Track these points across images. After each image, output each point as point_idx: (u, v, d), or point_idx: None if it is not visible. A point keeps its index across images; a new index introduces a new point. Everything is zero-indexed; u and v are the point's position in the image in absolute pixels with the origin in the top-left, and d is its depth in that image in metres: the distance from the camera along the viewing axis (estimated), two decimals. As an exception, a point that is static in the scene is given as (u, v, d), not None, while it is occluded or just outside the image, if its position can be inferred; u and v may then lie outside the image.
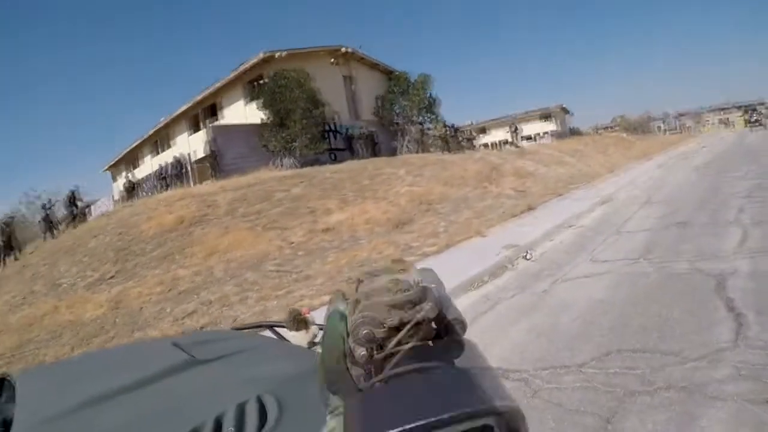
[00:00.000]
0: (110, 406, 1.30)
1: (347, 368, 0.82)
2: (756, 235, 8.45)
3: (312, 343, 1.88)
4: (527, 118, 65.96)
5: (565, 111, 69.46)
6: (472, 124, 69.36)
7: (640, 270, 7.51)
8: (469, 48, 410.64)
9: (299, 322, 1.90)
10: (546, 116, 66.36)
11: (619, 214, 12.60)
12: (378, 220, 13.95)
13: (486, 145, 58.05)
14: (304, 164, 24.00)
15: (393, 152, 30.92)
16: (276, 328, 2.10)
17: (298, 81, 25.44)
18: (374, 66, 34.84)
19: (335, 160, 27.22)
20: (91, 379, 1.54)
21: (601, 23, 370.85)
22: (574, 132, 64.43)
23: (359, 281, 0.89)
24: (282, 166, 24.25)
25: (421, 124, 33.58)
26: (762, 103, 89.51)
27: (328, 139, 28.99)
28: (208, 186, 19.27)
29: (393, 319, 0.78)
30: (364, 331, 0.77)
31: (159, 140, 37.58)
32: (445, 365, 0.77)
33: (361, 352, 0.78)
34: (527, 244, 10.14)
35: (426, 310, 0.78)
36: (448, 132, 32.59)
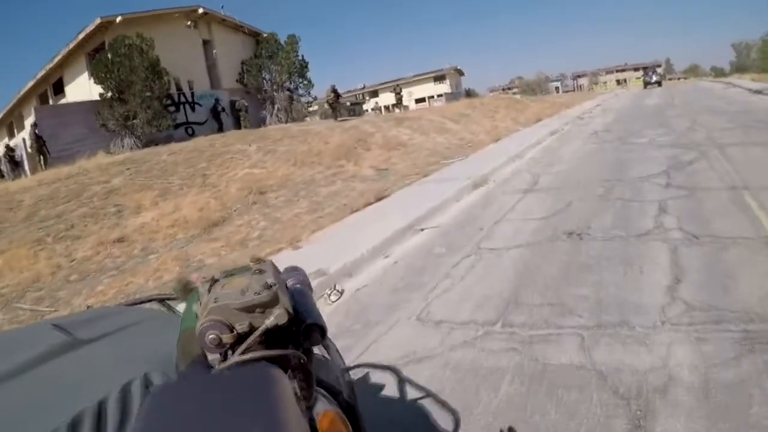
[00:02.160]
0: None
1: (201, 353, 0.81)
2: (693, 265, 4.83)
3: None
4: (420, 80, 64.45)
5: (460, 72, 67.78)
6: (364, 87, 66.74)
7: (491, 360, 3.81)
8: (363, 8, 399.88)
9: (189, 291, 1.31)
10: (440, 78, 64.49)
11: (490, 208, 8.92)
12: (189, 220, 11.00)
13: (379, 109, 55.76)
14: (150, 143, 21.00)
15: (262, 123, 28.00)
16: (167, 301, 1.94)
17: (139, 48, 22.38)
18: (238, 28, 30.93)
19: (192, 135, 23.95)
20: None
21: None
22: (470, 94, 62.99)
23: (213, 281, 0.87)
24: (123, 147, 21.48)
25: (290, 90, 30.11)
26: (658, 65, 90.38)
27: (183, 112, 26.43)
28: (30, 179, 16.39)
29: (243, 325, 0.77)
30: (211, 336, 0.76)
31: (14, 122, 32.99)
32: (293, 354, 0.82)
33: (210, 336, 0.76)
34: (344, 269, 6.54)
35: (276, 315, 0.78)
36: (333, 97, 28.77)
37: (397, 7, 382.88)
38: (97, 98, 22.65)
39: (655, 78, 63.01)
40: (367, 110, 52.71)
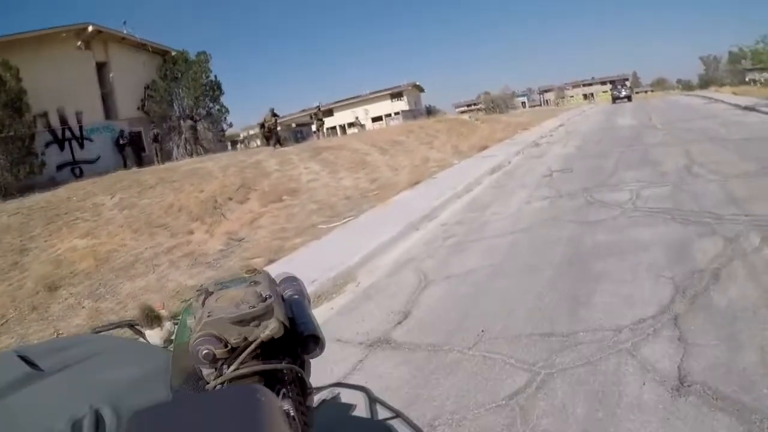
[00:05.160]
0: None
1: (196, 368, 0.80)
2: None
3: (168, 341, 1.72)
4: (377, 97, 61.08)
5: (419, 89, 64.35)
6: (319, 107, 62.52)
7: None
8: (320, 24, 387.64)
9: (152, 318, 1.76)
10: (397, 95, 60.81)
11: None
12: None
13: (333, 128, 54.91)
14: (24, 190, 17.58)
15: (170, 155, 24.55)
16: (137, 327, 1.84)
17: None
18: (141, 47, 26.53)
19: (80, 176, 20.95)
20: None
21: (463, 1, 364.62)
22: (431, 111, 59.33)
23: (207, 293, 0.85)
24: None
25: (192, 118, 25.77)
26: (626, 79, 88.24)
27: (69, 150, 23.07)
28: None
29: (237, 338, 0.76)
30: (204, 351, 0.74)
31: None
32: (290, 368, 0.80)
33: (204, 351, 0.75)
34: None
35: (271, 328, 0.76)
36: (271, 122, 25.22)
37: (357, 22, 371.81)
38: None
39: (624, 92, 57.93)
40: (317, 131, 48.91)
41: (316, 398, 1.23)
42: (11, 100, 19.05)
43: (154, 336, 1.69)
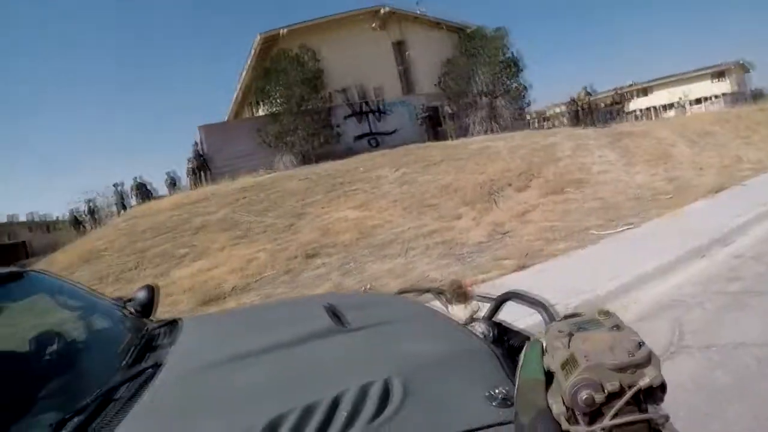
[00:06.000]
0: (248, 365, 1.33)
1: (548, 405, 0.79)
2: None
3: (471, 319, 1.75)
4: (696, 77, 54.01)
5: (745, 68, 54.82)
6: (632, 85, 58.11)
7: None
8: None
9: (459, 294, 1.79)
10: (719, 75, 53.32)
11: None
12: (194, 288, 8.69)
13: (648, 110, 48.37)
14: (320, 158, 19.78)
15: (467, 131, 24.11)
16: (444, 297, 1.93)
17: (298, 61, 21.33)
18: (436, 25, 27.14)
19: (377, 146, 22.73)
20: (240, 334, 1.63)
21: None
22: (757, 95, 50.16)
23: (570, 334, 0.84)
24: (282, 164, 20.88)
25: (490, 95, 24.95)
26: None
27: (367, 122, 24.56)
28: (166, 201, 16.99)
29: (613, 384, 0.74)
30: (585, 396, 0.73)
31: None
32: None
33: (584, 396, 0.73)
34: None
35: (652, 377, 0.74)
36: (584, 101, 25.18)
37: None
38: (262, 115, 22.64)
39: None
40: (634, 111, 44.75)
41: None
42: (308, 78, 20.97)
43: (458, 311, 1.73)
